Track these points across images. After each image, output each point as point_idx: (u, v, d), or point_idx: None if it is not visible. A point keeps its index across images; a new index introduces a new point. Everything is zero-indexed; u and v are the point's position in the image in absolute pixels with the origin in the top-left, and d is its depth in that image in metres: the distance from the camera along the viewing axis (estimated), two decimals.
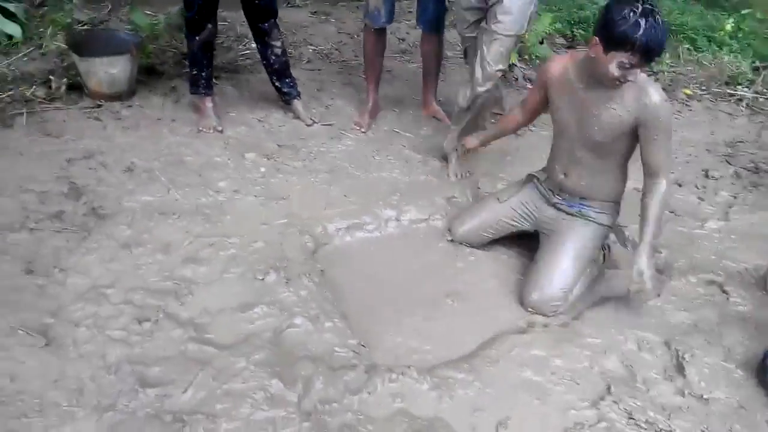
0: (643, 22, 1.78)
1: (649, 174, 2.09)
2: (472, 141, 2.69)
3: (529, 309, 2.20)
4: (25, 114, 2.91)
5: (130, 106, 3.14)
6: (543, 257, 2.25)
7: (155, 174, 2.61)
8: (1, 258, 2.07)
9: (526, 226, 2.43)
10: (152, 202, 2.45)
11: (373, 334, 2.05)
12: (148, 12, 4.21)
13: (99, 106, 3.09)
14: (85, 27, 3.90)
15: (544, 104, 2.31)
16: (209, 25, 2.88)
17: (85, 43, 3.20)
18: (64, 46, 3.40)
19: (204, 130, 3.00)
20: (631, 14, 1.79)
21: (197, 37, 2.89)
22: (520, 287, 2.27)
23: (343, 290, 2.24)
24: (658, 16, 1.77)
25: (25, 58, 3.38)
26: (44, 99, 3.05)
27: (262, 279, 2.13)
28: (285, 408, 1.68)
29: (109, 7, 4.32)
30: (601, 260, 2.39)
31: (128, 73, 3.14)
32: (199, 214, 2.40)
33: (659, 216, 2.07)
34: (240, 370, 1.76)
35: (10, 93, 3.03)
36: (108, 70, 3.06)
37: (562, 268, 2.19)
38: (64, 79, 3.15)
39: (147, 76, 3.42)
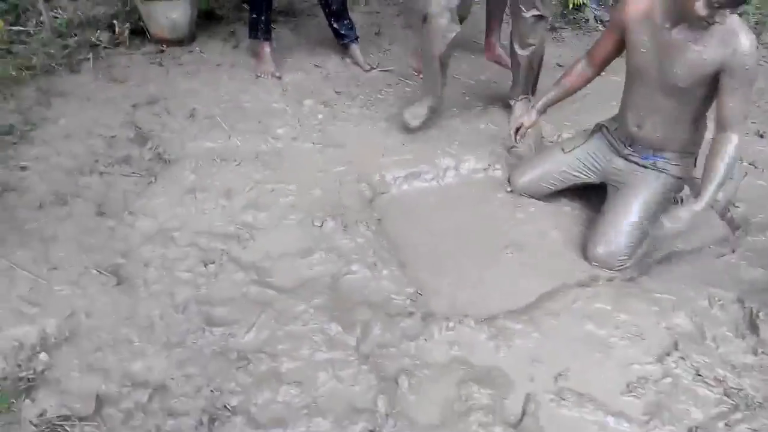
0: None
1: (722, 126, 1.93)
2: (530, 116, 2.38)
3: (594, 263, 2.12)
4: (91, 59, 2.98)
5: (191, 52, 3.16)
6: (611, 209, 2.15)
7: (216, 120, 2.64)
8: (73, 200, 2.16)
9: (593, 178, 2.32)
10: (214, 148, 2.48)
11: (431, 283, 2.04)
12: None
13: (161, 51, 3.12)
14: None
15: (619, 49, 2.14)
16: None
17: None
18: None
19: (262, 75, 2.99)
20: None
21: None
22: (585, 240, 2.19)
23: (399, 239, 2.23)
24: None
25: (90, 2, 3.43)
26: (109, 44, 3.11)
27: (320, 226, 2.14)
28: (344, 350, 1.72)
29: None
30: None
31: (188, 17, 3.15)
32: (258, 161, 2.43)
33: (724, 172, 1.91)
34: (300, 313, 1.80)
35: (76, 38, 3.10)
36: (168, 15, 3.07)
37: (630, 221, 2.09)
38: (128, 24, 3.19)
39: (206, 20, 3.42)
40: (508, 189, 2.47)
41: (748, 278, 2.05)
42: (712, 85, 1.92)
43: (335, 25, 3.13)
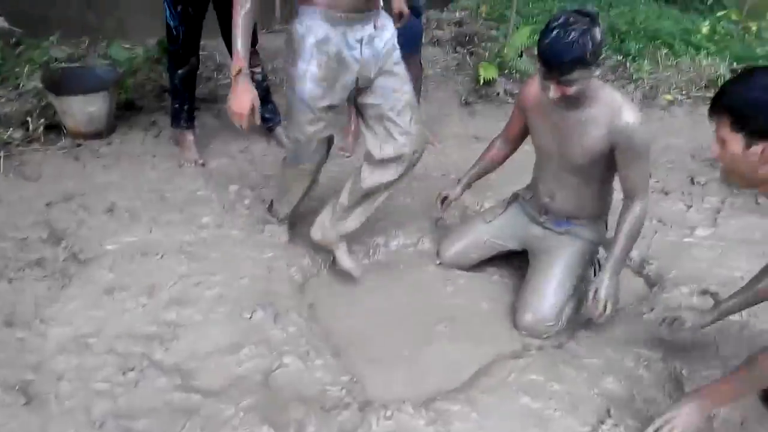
0: (550, 32, 1.75)
1: (626, 196, 2.04)
2: (455, 191, 2.44)
3: (524, 331, 2.16)
4: (2, 158, 2.86)
5: (109, 144, 3.11)
6: (533, 278, 2.22)
7: (137, 213, 2.57)
8: None
9: (514, 245, 2.40)
10: (134, 243, 2.40)
11: (366, 367, 2.01)
12: (127, 46, 4.18)
13: (78, 145, 3.05)
14: (63, 64, 3.87)
15: (526, 129, 2.26)
16: (192, 58, 2.86)
17: (62, 82, 3.16)
18: (40, 85, 3.36)
19: (185, 164, 2.97)
20: (552, 23, 1.76)
21: (180, 71, 2.86)
22: (513, 309, 2.23)
23: (333, 324, 2.20)
24: (573, 27, 1.71)
25: (2, 99, 3.33)
26: (22, 141, 3.00)
27: (249, 317, 2.08)
28: None
29: (87, 42, 4.30)
30: (592, 276, 2.36)
31: (107, 110, 3.11)
32: (182, 253, 2.36)
33: (630, 235, 2.01)
34: (229, 417, 1.70)
35: None
36: (86, 109, 3.02)
37: (552, 287, 2.16)
38: (42, 120, 3.11)
39: (126, 111, 3.39)
40: (438, 262, 2.51)
41: (668, 335, 2.13)
42: (610, 159, 2.03)
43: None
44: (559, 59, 1.75)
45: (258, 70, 3.05)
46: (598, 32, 1.75)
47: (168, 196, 2.73)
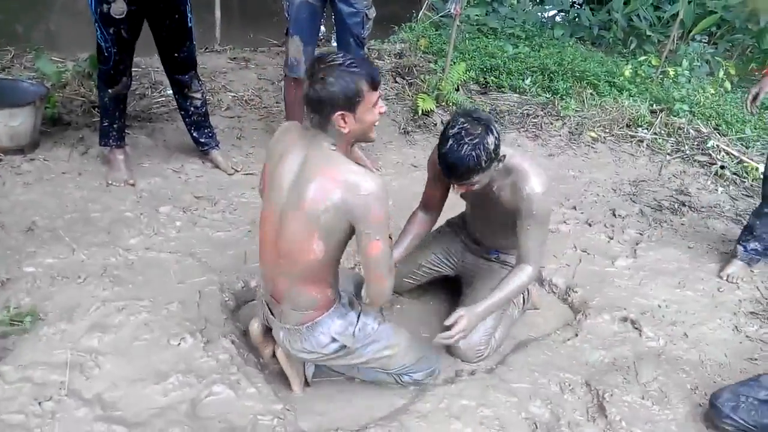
0: (446, 142, 1.78)
1: (520, 258, 2.08)
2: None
3: (456, 357, 2.20)
4: None
5: (32, 160, 2.95)
6: (464, 304, 2.27)
7: (59, 233, 2.44)
8: None
9: (448, 271, 2.45)
10: (55, 265, 2.28)
11: (292, 397, 1.97)
12: (55, 58, 4.03)
13: None
14: None
15: (446, 189, 2.20)
16: (124, 78, 2.76)
17: None
18: None
19: (114, 183, 2.85)
20: (448, 131, 1.80)
21: (110, 90, 2.77)
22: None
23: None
24: (465, 141, 1.74)
25: None
26: None
27: (178, 344, 2.01)
28: None
29: (12, 53, 4.10)
30: (521, 303, 2.44)
31: (31, 125, 2.96)
32: (107, 276, 2.26)
33: (511, 292, 2.05)
34: None
35: None
36: (8, 123, 2.87)
37: None
38: None
39: (52, 126, 3.25)
40: None
41: (592, 360, 2.23)
42: None
43: (195, 134, 3.12)
44: (456, 170, 1.80)
45: (198, 96, 3.00)
46: (491, 140, 1.79)
47: (93, 216, 2.62)
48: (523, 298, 2.44)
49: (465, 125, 1.79)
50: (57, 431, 1.66)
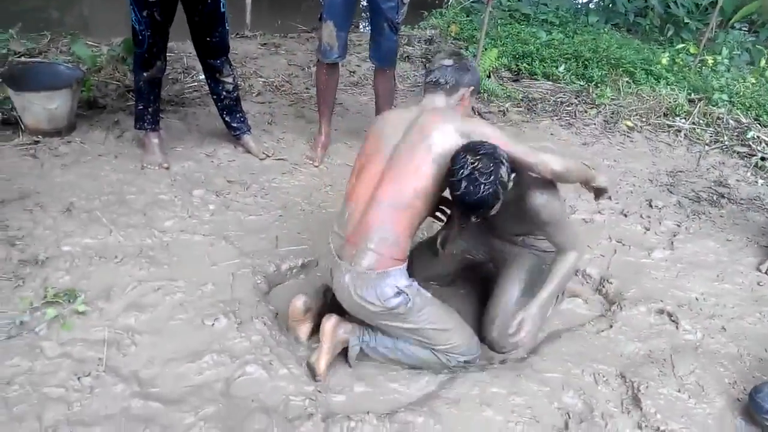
0: (460, 183, 1.74)
1: (558, 251, 2.09)
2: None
3: (490, 345, 2.18)
4: None
5: (69, 142, 3.00)
6: (497, 293, 2.25)
7: (96, 214, 2.48)
8: None
9: (479, 256, 2.43)
10: (92, 245, 2.32)
11: (331, 378, 1.98)
12: (90, 42, 4.09)
13: (36, 142, 2.94)
14: (23, 59, 3.74)
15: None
16: (158, 62, 2.79)
17: (22, 77, 3.05)
18: None
19: (149, 166, 2.89)
20: (459, 173, 1.75)
21: (145, 74, 2.80)
22: (480, 324, 2.25)
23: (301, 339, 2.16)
24: (480, 180, 1.72)
25: None
26: None
27: (212, 324, 2.03)
28: None
29: (49, 37, 4.17)
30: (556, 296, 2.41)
31: (68, 108, 3.01)
32: (143, 257, 2.29)
33: (561, 279, 2.06)
34: (188, 426, 1.66)
35: None
36: (46, 106, 2.92)
37: (514, 301, 2.19)
38: None
39: (88, 109, 3.29)
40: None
41: (626, 352, 2.19)
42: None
43: (227, 119, 3.14)
44: (477, 210, 1.79)
45: (230, 80, 3.02)
46: (504, 171, 1.76)
47: (129, 198, 2.65)
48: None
49: (475, 164, 1.73)
50: (95, 405, 1.70)
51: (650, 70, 4.72)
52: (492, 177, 1.73)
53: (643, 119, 4.18)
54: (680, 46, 5.15)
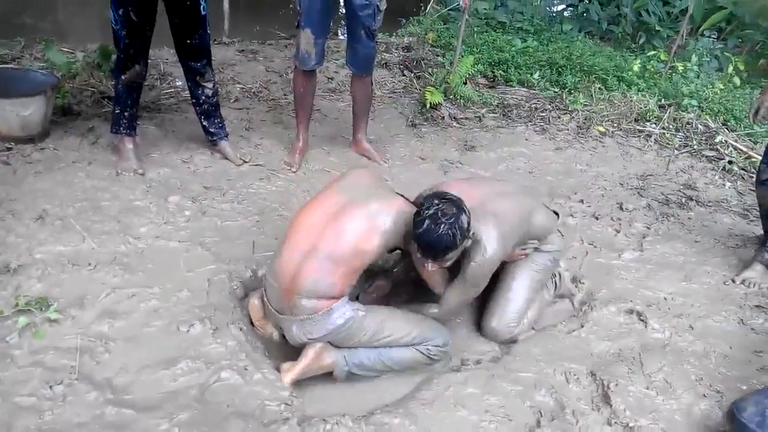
0: (423, 223, 1.86)
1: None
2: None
3: (488, 336, 2.29)
4: None
5: (43, 149, 2.97)
6: (499, 286, 2.32)
7: (69, 222, 2.46)
8: None
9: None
10: (65, 253, 2.30)
11: (306, 383, 1.99)
12: (65, 49, 4.05)
13: (9, 149, 2.90)
14: None
15: None
16: (136, 66, 2.78)
17: None
18: None
19: (123, 173, 2.87)
20: (424, 212, 1.88)
21: (123, 76, 2.78)
22: (481, 316, 2.33)
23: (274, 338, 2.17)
24: (442, 221, 1.84)
25: None
26: None
27: (187, 331, 2.03)
28: None
29: (23, 43, 4.13)
30: (553, 288, 2.46)
31: (42, 114, 2.98)
32: (117, 264, 2.28)
33: (422, 316, 2.13)
34: None
35: None
36: (20, 112, 2.89)
37: (515, 293, 2.29)
38: None
39: (62, 116, 3.26)
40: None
41: (597, 351, 2.24)
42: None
43: (205, 123, 3.14)
44: (434, 250, 1.89)
45: (210, 85, 3.02)
46: (464, 219, 1.89)
47: (103, 204, 2.64)
48: (555, 283, 2.47)
49: (440, 206, 1.88)
50: (68, 414, 1.69)
51: (622, 76, 4.82)
52: (453, 219, 1.85)
53: (615, 124, 4.27)
54: (651, 53, 5.26)
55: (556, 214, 2.42)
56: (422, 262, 1.96)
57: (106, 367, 1.86)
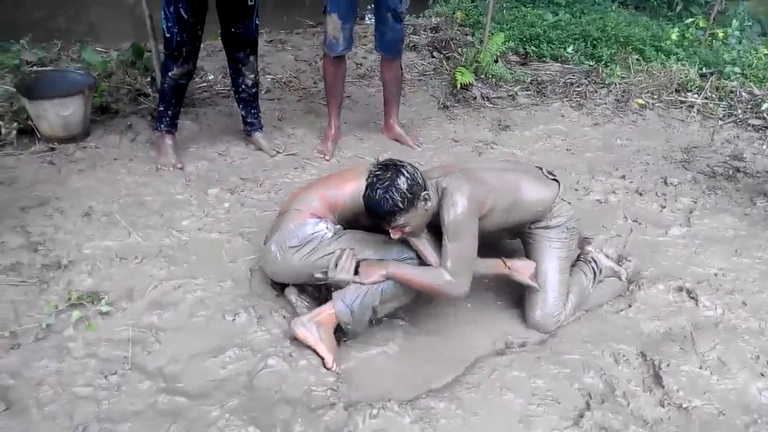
0: (366, 192, 1.92)
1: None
2: None
3: (533, 328, 2.23)
4: None
5: (84, 148, 3.05)
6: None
7: (114, 217, 2.53)
8: None
9: (509, 234, 2.43)
10: (113, 247, 2.36)
11: (351, 368, 2.01)
12: (100, 48, 4.13)
13: (52, 149, 2.99)
14: (35, 67, 3.80)
15: None
16: (185, 65, 2.81)
17: (35, 85, 3.10)
18: (12, 89, 3.29)
19: (163, 167, 2.93)
20: (367, 181, 1.93)
21: (170, 73, 2.82)
22: (524, 308, 2.28)
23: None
24: (377, 186, 1.87)
25: None
26: None
27: (233, 320, 2.06)
28: None
29: (59, 45, 4.23)
30: (593, 275, 2.41)
31: (81, 114, 3.06)
32: (162, 256, 2.33)
33: (415, 277, 2.02)
34: (214, 419, 1.69)
35: None
36: (60, 113, 2.97)
37: (546, 275, 2.23)
38: (15, 124, 3.05)
39: (101, 115, 3.34)
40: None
41: (646, 331, 2.19)
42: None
43: (242, 112, 3.17)
44: (377, 215, 1.92)
45: (250, 75, 3.03)
46: (402, 181, 1.88)
47: (146, 200, 2.70)
48: (594, 270, 2.41)
49: (377, 173, 1.92)
50: (124, 403, 1.74)
51: (660, 46, 4.65)
52: (387, 183, 1.87)
53: (655, 96, 4.13)
54: (689, 20, 5.06)
55: (558, 183, 2.33)
56: (390, 233, 1.97)
57: (158, 357, 1.90)
